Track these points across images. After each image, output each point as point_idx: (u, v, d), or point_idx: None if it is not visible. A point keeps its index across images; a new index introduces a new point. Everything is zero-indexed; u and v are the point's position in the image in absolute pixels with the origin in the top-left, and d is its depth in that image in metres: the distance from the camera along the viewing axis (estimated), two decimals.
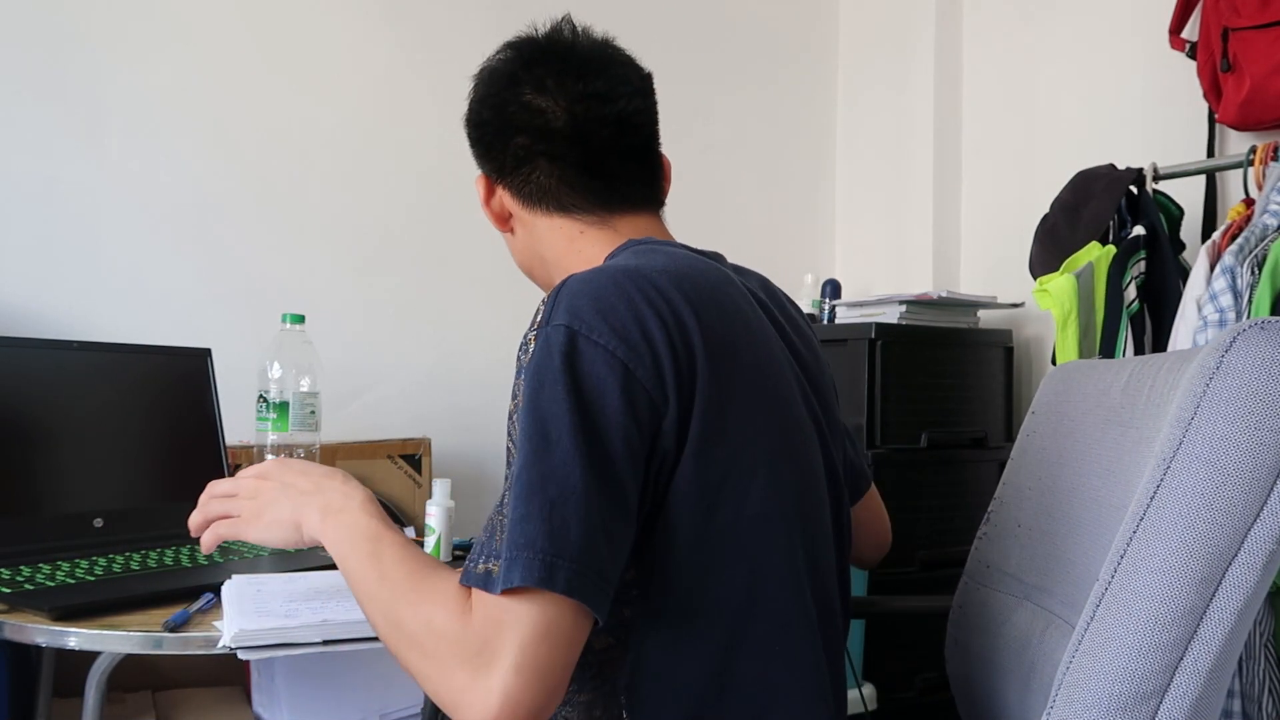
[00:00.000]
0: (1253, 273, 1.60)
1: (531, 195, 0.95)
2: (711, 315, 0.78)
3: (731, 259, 1.00)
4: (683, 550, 0.75)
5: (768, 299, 0.96)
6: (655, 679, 0.77)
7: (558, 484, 0.68)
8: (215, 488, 0.99)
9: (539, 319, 0.75)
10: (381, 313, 2.17)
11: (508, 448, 0.75)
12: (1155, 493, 0.72)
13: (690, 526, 0.75)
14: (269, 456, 1.46)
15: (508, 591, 0.67)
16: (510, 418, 0.75)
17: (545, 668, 0.67)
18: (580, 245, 0.94)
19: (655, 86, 1.00)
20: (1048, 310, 1.91)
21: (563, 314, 0.74)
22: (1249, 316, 1.60)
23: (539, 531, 0.67)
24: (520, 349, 0.76)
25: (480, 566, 0.70)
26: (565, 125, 0.92)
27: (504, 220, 0.99)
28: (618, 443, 0.71)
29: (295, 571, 1.20)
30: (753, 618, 0.79)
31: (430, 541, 1.39)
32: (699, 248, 0.94)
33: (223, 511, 0.96)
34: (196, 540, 1.34)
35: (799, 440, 0.84)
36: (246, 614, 0.99)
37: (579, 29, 0.96)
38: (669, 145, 1.03)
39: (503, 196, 0.97)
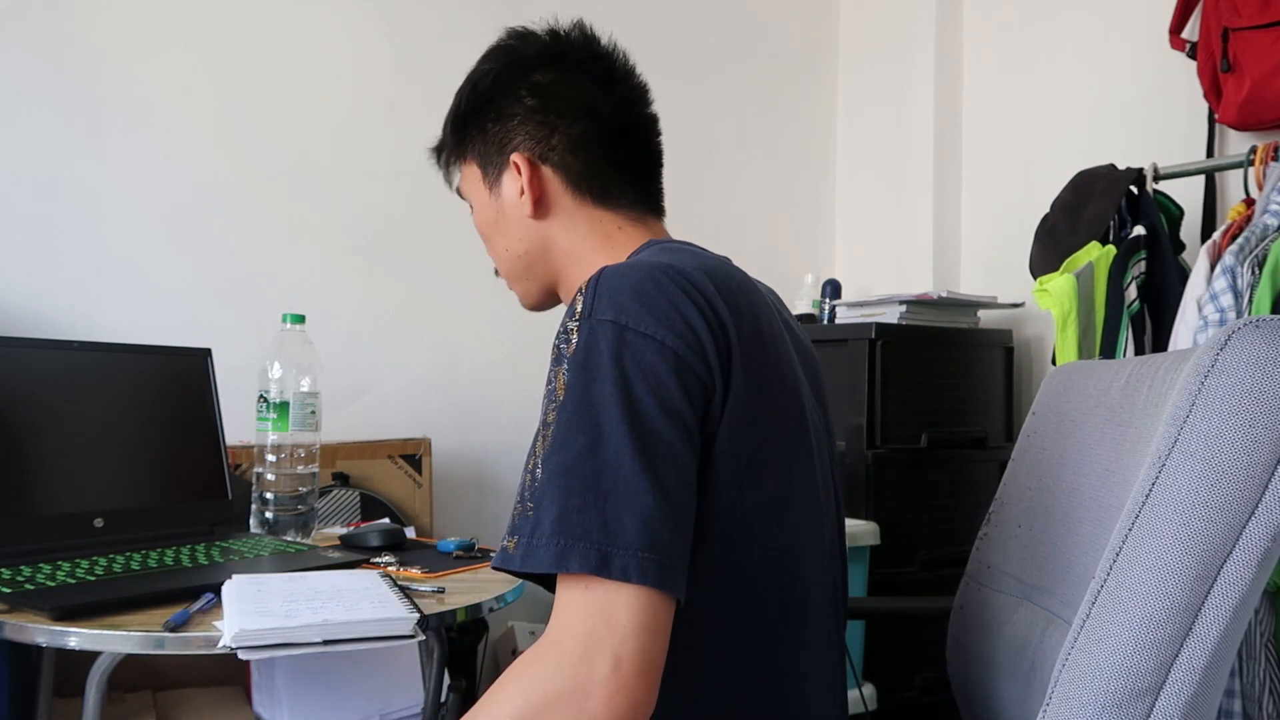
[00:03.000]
0: (1253, 272, 1.60)
1: (583, 180, 0.93)
2: (742, 310, 0.80)
3: (732, 259, 1.00)
4: (712, 535, 0.77)
5: (774, 302, 0.98)
6: (684, 661, 0.78)
7: (611, 476, 0.69)
8: None
9: (579, 309, 0.75)
10: (381, 313, 2.17)
11: (537, 429, 0.75)
12: (1150, 490, 0.72)
13: (721, 511, 0.77)
14: (269, 458, 1.46)
15: (583, 575, 0.67)
16: (548, 404, 0.75)
17: (656, 658, 0.68)
18: (616, 242, 0.94)
19: (656, 86, 1.01)
20: (1047, 310, 1.91)
21: (607, 308, 0.74)
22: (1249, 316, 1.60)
23: (595, 523, 0.68)
24: (559, 338, 0.75)
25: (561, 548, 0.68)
26: (619, 120, 0.94)
27: (540, 205, 0.94)
28: (676, 426, 0.72)
29: (296, 571, 1.20)
30: (773, 606, 0.81)
31: None
32: (710, 250, 0.95)
33: None
34: (197, 540, 1.36)
35: (810, 437, 0.86)
36: (247, 614, 0.99)
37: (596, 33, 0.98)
38: (670, 145, 1.03)
39: (550, 178, 0.94)
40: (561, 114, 0.93)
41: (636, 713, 0.67)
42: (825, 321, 2.48)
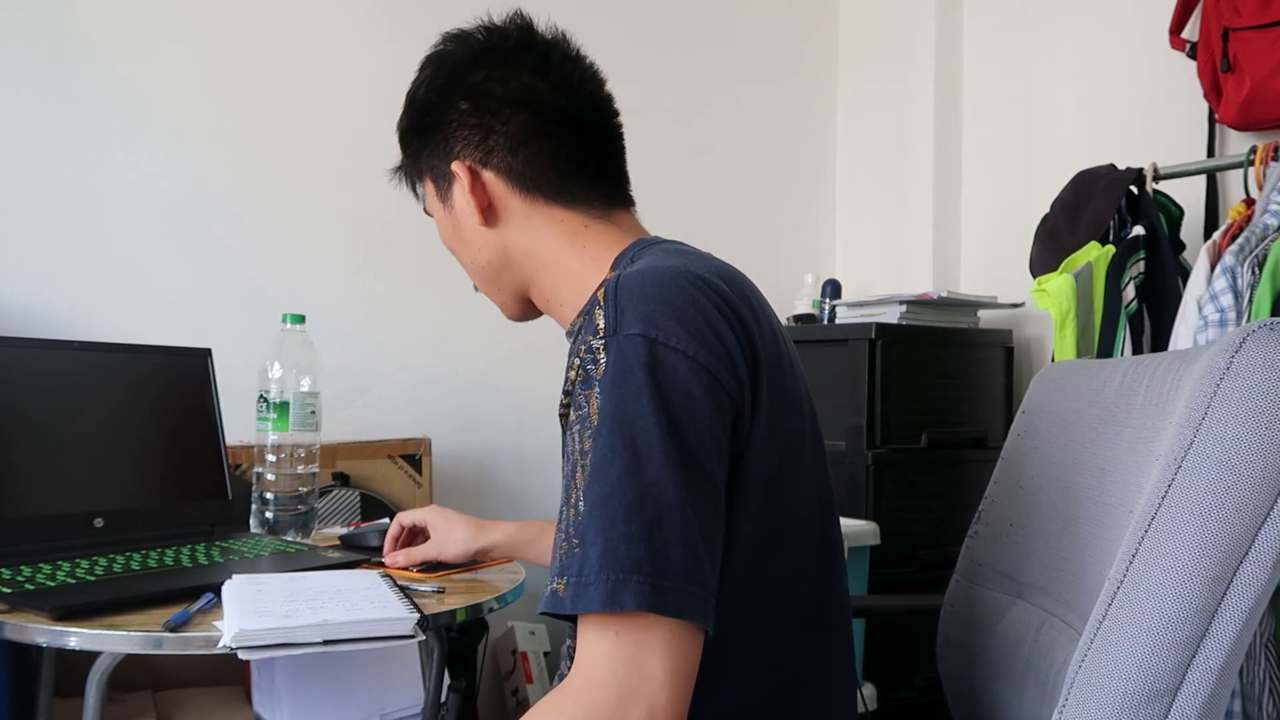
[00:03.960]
0: (1253, 272, 1.60)
1: (531, 179, 0.88)
2: (760, 317, 0.78)
3: (731, 259, 0.99)
4: (741, 545, 0.76)
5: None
6: (713, 680, 0.76)
7: (654, 502, 0.65)
8: None
9: (603, 326, 0.70)
10: (381, 313, 2.17)
11: (574, 458, 0.70)
12: (1166, 492, 0.72)
13: (749, 521, 0.75)
14: (269, 458, 1.46)
15: (613, 618, 0.64)
16: (569, 429, 0.71)
17: (686, 701, 0.66)
18: (585, 241, 0.89)
19: (656, 86, 0.99)
20: (1046, 310, 1.91)
21: (633, 320, 0.70)
22: (1249, 316, 1.60)
23: (645, 554, 0.64)
24: (581, 356, 0.71)
25: (603, 583, 0.65)
26: (565, 108, 0.88)
27: (487, 211, 0.90)
28: (710, 449, 0.69)
29: (296, 571, 1.20)
30: (799, 611, 0.81)
31: None
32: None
33: None
34: (197, 540, 1.36)
35: (817, 441, 0.86)
36: (247, 614, 0.99)
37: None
38: (669, 145, 1.02)
39: (491, 183, 0.89)
40: (494, 113, 0.88)
41: None
42: (825, 321, 2.48)
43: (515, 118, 0.88)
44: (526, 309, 0.98)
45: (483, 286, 0.98)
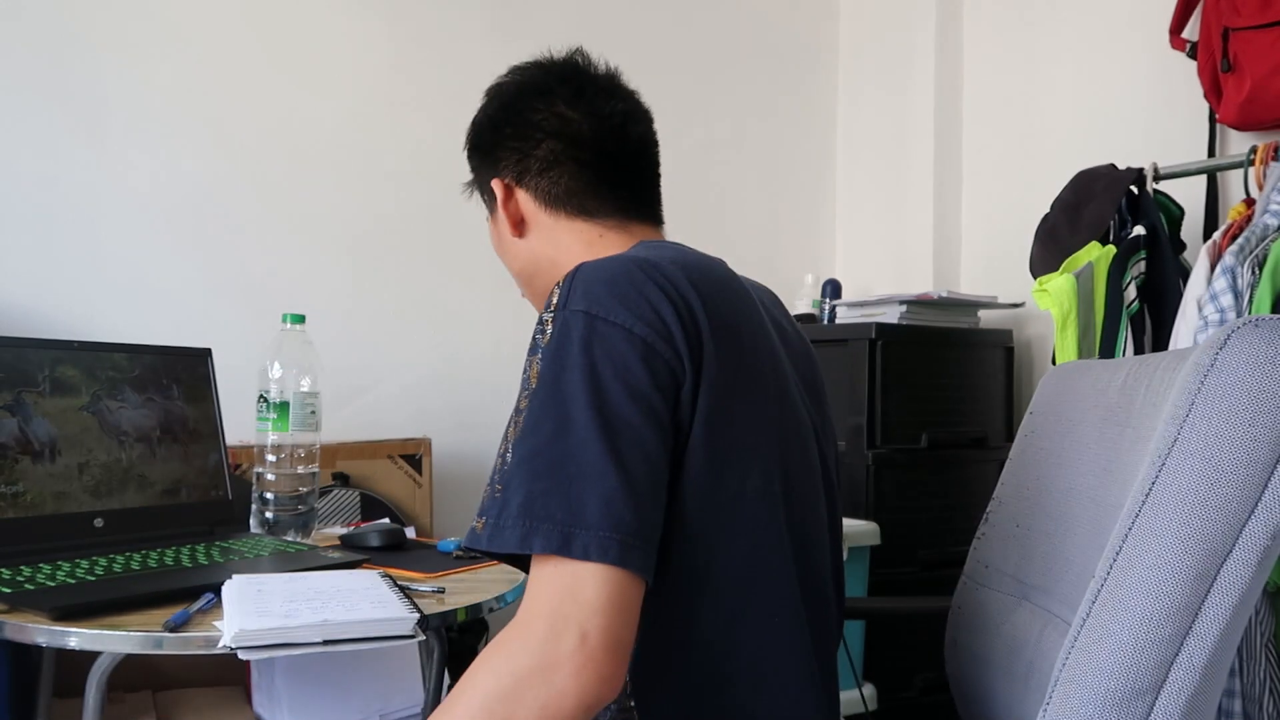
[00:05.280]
0: (1253, 272, 1.60)
1: (556, 198, 0.99)
2: (716, 303, 0.82)
3: (731, 259, 1.01)
4: (691, 521, 0.78)
5: (768, 302, 1.01)
6: (660, 649, 0.80)
7: (576, 461, 0.72)
8: None
9: (555, 302, 0.79)
10: (382, 312, 2.17)
11: (510, 416, 0.78)
12: (1150, 489, 0.72)
13: (699, 497, 0.79)
14: (269, 458, 1.46)
15: (552, 557, 0.69)
16: (521, 392, 0.78)
17: (623, 635, 0.70)
18: (598, 248, 0.98)
19: (658, 87, 1.03)
20: (1047, 310, 1.91)
21: (580, 299, 0.78)
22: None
23: (559, 505, 0.70)
24: (536, 329, 0.80)
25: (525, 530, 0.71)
26: (592, 136, 0.98)
27: (518, 224, 1.02)
28: (643, 410, 0.74)
29: (296, 571, 1.20)
30: (752, 593, 0.82)
31: None
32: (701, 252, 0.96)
33: None
34: (197, 540, 1.36)
35: (797, 431, 0.88)
36: (247, 614, 0.99)
37: (590, 59, 1.03)
38: (669, 144, 1.05)
39: (523, 199, 1.01)
40: (530, 138, 0.99)
41: (604, 687, 0.68)
42: (825, 321, 2.48)
43: (545, 143, 0.99)
44: None
45: (523, 290, 1.08)
